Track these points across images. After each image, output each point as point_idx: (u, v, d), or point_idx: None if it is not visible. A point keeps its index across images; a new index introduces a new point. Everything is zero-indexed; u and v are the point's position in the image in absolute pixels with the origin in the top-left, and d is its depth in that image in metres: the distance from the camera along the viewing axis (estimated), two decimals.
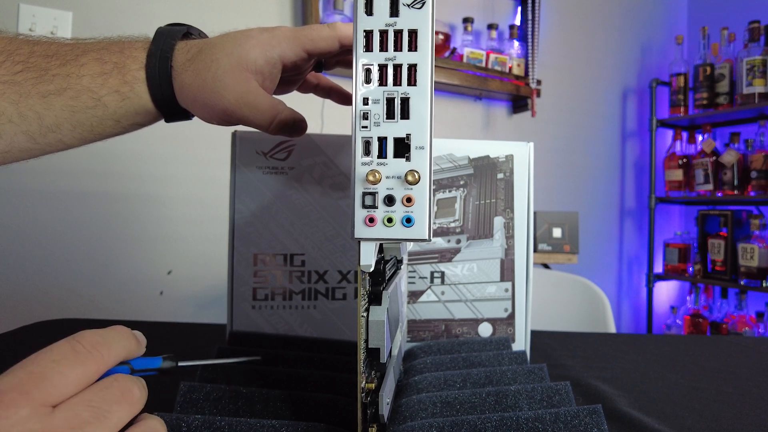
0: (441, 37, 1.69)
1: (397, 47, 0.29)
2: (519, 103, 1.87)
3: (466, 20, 1.73)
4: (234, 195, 0.54)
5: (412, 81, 0.29)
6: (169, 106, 0.41)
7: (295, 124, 0.43)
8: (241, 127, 0.50)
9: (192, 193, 1.35)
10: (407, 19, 0.29)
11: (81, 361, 0.24)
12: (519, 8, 1.89)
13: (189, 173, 1.35)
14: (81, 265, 1.23)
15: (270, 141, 0.54)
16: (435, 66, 0.30)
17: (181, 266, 1.35)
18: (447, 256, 0.55)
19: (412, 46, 0.29)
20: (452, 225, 0.55)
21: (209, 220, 1.36)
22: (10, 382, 0.22)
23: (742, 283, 1.85)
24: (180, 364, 0.30)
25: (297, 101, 0.58)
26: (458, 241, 0.55)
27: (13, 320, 0.82)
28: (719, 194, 1.96)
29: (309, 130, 0.51)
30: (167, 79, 0.40)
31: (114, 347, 0.26)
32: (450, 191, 0.55)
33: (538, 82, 1.81)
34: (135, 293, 1.29)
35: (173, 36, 0.41)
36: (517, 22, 1.88)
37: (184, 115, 0.43)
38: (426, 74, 0.29)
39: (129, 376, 0.26)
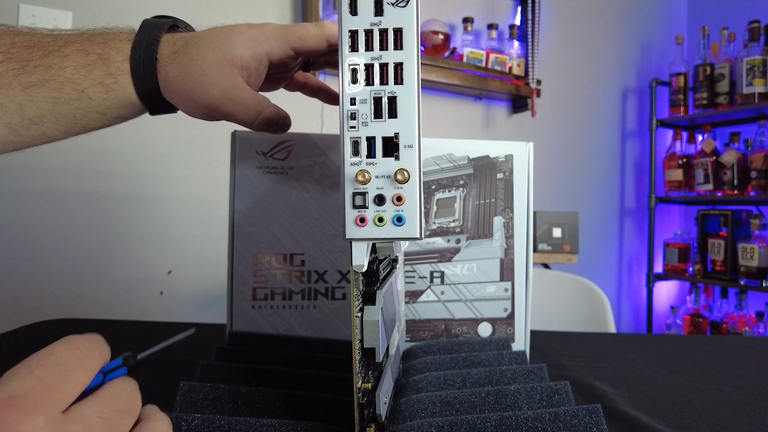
0: (441, 36, 1.69)
1: (383, 46, 0.29)
2: (519, 103, 1.87)
3: (466, 20, 1.73)
4: (234, 195, 0.54)
5: (398, 80, 0.29)
6: (154, 99, 0.40)
7: (280, 121, 0.42)
8: (241, 127, 0.50)
9: (192, 193, 1.35)
10: (392, 18, 0.29)
11: (82, 366, 0.24)
12: (519, 8, 1.89)
13: (189, 173, 1.35)
14: (81, 265, 1.23)
15: (270, 141, 0.54)
16: (435, 66, 0.30)
17: (181, 266, 1.35)
18: (447, 255, 0.55)
19: (398, 45, 0.29)
20: (452, 225, 0.55)
21: (209, 220, 1.36)
22: (22, 389, 0.21)
23: (742, 283, 1.85)
24: (139, 357, 0.30)
25: (297, 101, 0.58)
26: (458, 241, 0.55)
27: (13, 320, 0.82)
28: (719, 194, 1.96)
29: (308, 130, 0.51)
30: (152, 71, 0.39)
31: (101, 352, 0.26)
32: (450, 191, 0.55)
33: (538, 82, 1.81)
34: (135, 293, 1.29)
35: (159, 28, 0.40)
36: (517, 22, 1.88)
37: (169, 108, 0.42)
38: (412, 72, 0.29)
39: (131, 385, 0.25)
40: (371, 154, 0.29)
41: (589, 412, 0.37)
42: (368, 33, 0.29)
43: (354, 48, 0.29)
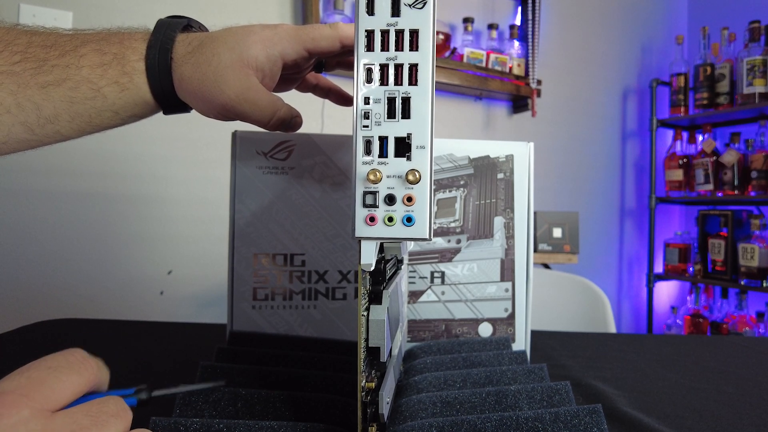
0: (441, 37, 1.69)
1: (399, 47, 0.30)
2: (519, 103, 1.87)
3: (467, 20, 1.73)
4: (234, 195, 0.54)
5: (413, 81, 0.30)
6: (168, 99, 0.41)
7: (292, 120, 0.43)
8: (241, 126, 0.50)
9: (192, 193, 1.35)
10: (408, 19, 0.29)
11: (76, 370, 0.25)
12: (519, 8, 1.89)
13: (189, 173, 1.35)
14: (81, 265, 1.23)
15: (270, 141, 0.54)
16: (435, 66, 0.30)
17: (181, 266, 1.35)
18: (447, 256, 0.55)
19: (414, 46, 0.29)
20: (452, 225, 0.55)
21: (210, 220, 1.36)
22: (10, 386, 0.23)
23: (742, 283, 1.85)
24: (154, 394, 0.30)
25: (297, 100, 0.58)
26: (458, 241, 0.55)
27: (13, 320, 0.82)
28: (719, 194, 1.96)
29: (309, 130, 0.51)
30: (167, 71, 0.39)
31: (96, 367, 0.27)
32: (450, 191, 0.55)
33: (538, 82, 1.81)
34: (135, 293, 1.29)
35: (174, 28, 0.40)
36: (517, 22, 1.88)
37: (183, 108, 0.42)
38: (427, 74, 0.29)
39: (121, 401, 0.26)
40: (383, 153, 0.30)
41: (590, 412, 0.37)
42: (384, 33, 0.30)
43: (370, 48, 0.30)
